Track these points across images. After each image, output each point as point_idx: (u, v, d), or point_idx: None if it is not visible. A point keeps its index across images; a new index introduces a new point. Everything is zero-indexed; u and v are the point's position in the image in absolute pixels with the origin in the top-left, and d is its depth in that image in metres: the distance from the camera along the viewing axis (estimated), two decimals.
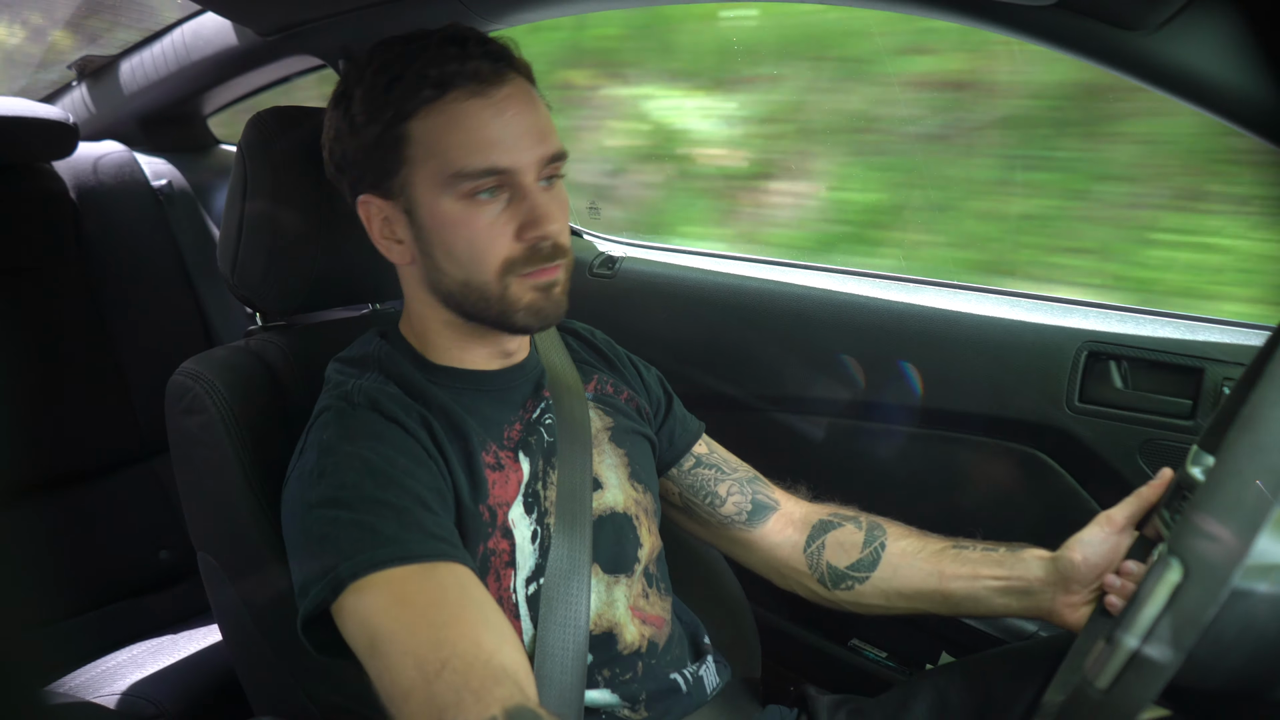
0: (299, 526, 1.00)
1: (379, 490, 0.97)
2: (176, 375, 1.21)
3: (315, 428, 1.07)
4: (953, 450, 1.64)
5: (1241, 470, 0.63)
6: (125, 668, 1.66)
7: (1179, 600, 0.63)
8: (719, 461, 1.38)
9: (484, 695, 0.83)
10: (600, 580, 1.15)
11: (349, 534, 0.94)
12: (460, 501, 1.05)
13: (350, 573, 0.92)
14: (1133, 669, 0.65)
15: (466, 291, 1.08)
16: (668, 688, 1.17)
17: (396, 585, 0.91)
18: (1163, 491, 1.09)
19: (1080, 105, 1.90)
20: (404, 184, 1.06)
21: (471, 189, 1.03)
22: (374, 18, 1.68)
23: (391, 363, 1.13)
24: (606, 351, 1.37)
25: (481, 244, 1.05)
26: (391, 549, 0.93)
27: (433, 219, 1.05)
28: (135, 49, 2.26)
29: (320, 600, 0.93)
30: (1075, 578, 1.12)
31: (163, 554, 1.98)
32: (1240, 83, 1.02)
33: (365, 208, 1.10)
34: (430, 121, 1.03)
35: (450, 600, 0.92)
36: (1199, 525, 0.63)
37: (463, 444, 1.09)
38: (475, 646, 0.87)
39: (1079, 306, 1.56)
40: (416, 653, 0.87)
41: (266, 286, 1.27)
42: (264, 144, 1.25)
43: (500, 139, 1.03)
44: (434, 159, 1.03)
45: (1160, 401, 1.44)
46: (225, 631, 1.29)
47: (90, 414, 1.95)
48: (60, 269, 1.96)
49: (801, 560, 1.31)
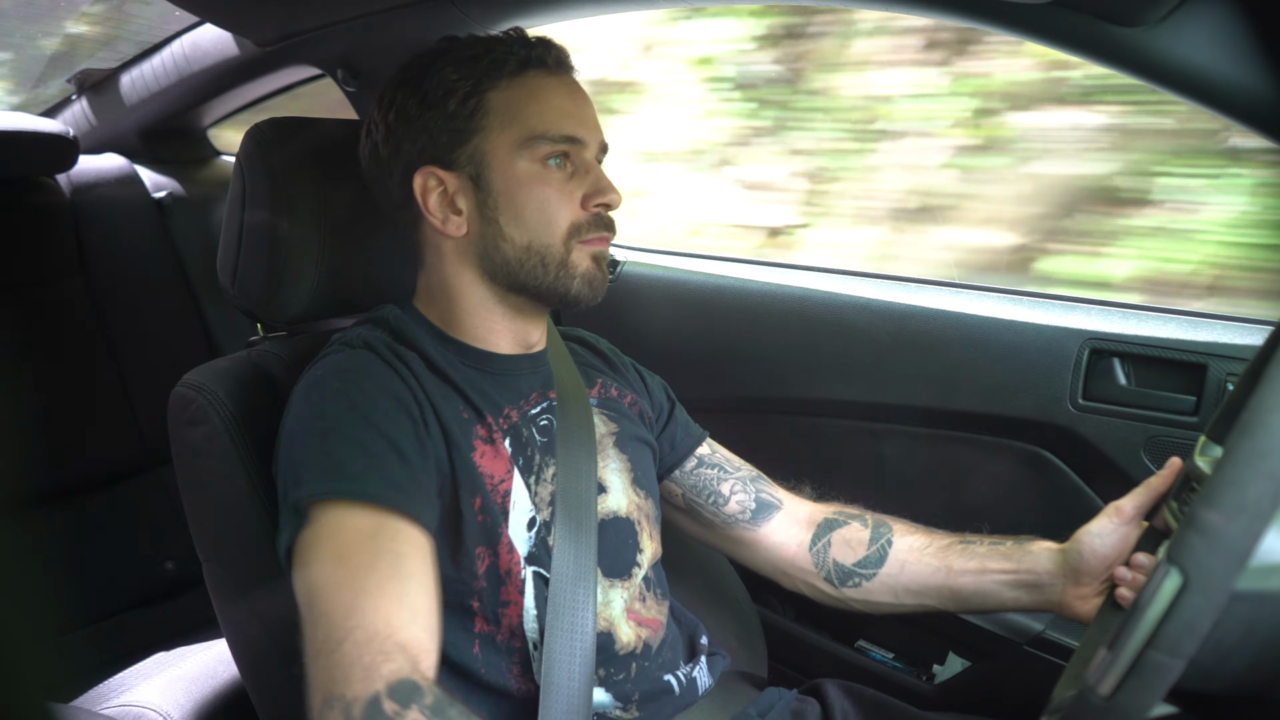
0: (283, 455, 1.04)
1: (354, 428, 1.00)
2: (179, 387, 1.21)
3: (310, 369, 1.11)
4: (957, 450, 1.64)
5: (1240, 478, 0.62)
6: (132, 679, 1.66)
7: (1178, 608, 0.63)
8: (721, 461, 1.38)
9: (373, 670, 0.86)
10: (599, 583, 1.15)
11: (317, 463, 0.98)
12: (453, 449, 1.07)
13: (308, 495, 0.96)
14: (1134, 676, 0.65)
15: (527, 256, 1.12)
16: (661, 689, 1.17)
17: (344, 533, 0.95)
18: (1172, 481, 1.09)
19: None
20: (475, 150, 1.11)
21: (547, 153, 1.11)
22: (372, 27, 1.68)
23: (403, 326, 1.16)
24: (611, 357, 1.38)
25: (553, 205, 1.11)
26: (350, 484, 0.96)
27: (506, 181, 1.11)
28: (135, 61, 2.27)
29: (293, 534, 0.97)
30: (1084, 570, 1.12)
31: (168, 565, 1.98)
32: (1238, 78, 1.02)
33: (424, 179, 1.13)
34: (511, 93, 1.11)
35: (381, 568, 0.94)
36: (1198, 533, 0.63)
37: (457, 406, 1.11)
38: (382, 621, 0.90)
39: (1081, 304, 1.56)
40: (331, 616, 0.90)
41: (267, 297, 1.27)
42: (262, 155, 1.25)
43: (574, 113, 1.14)
44: (513, 125, 1.11)
45: (1164, 398, 1.43)
46: (232, 642, 1.28)
47: (94, 426, 1.96)
48: (62, 282, 1.97)
49: (807, 559, 1.31)
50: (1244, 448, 0.63)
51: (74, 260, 1.99)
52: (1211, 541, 0.62)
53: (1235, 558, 0.62)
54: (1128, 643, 0.65)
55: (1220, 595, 0.62)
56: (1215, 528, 0.62)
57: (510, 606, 1.08)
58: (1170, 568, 0.63)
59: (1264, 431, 0.63)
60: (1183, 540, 0.63)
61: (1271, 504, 0.61)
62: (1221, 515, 0.62)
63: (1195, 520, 0.63)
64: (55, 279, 1.96)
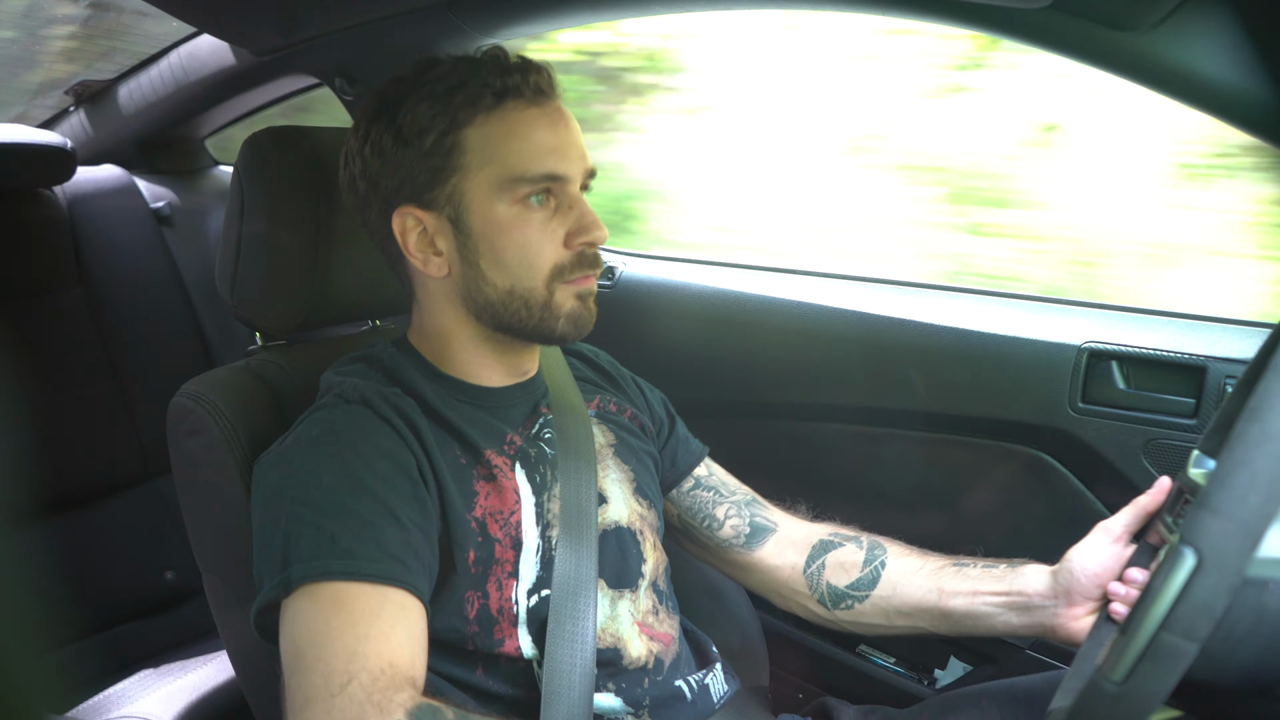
0: (269, 515, 1.01)
1: (350, 497, 0.98)
2: (178, 397, 1.21)
3: (306, 423, 1.08)
4: (956, 454, 1.63)
5: (1251, 459, 0.63)
6: (131, 690, 1.66)
7: (1192, 589, 0.63)
8: (717, 484, 1.38)
9: (386, 705, 0.85)
10: (604, 595, 1.15)
11: (309, 536, 0.96)
12: (447, 508, 1.06)
13: (300, 576, 0.94)
14: (1149, 659, 0.65)
15: (509, 300, 1.09)
16: (673, 695, 1.17)
17: (338, 596, 0.93)
18: (1162, 500, 1.09)
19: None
20: (452, 192, 1.07)
21: (526, 193, 1.06)
22: (369, 35, 1.68)
23: (398, 367, 1.14)
24: (610, 371, 1.37)
25: (533, 248, 1.07)
26: (344, 562, 0.94)
27: (485, 224, 1.07)
28: (132, 72, 2.27)
29: (272, 596, 0.96)
30: (1076, 590, 1.12)
31: (168, 575, 1.98)
32: (1236, 81, 1.03)
33: (402, 220, 1.09)
34: (488, 129, 1.06)
35: (385, 616, 0.93)
36: (1211, 513, 0.63)
37: (455, 452, 1.10)
38: (385, 659, 0.89)
39: (1079, 308, 1.56)
40: (328, 662, 0.89)
41: (265, 306, 1.27)
42: (260, 164, 1.25)
43: (555, 147, 1.07)
44: (490, 165, 1.06)
45: (1163, 401, 1.43)
46: (232, 652, 1.28)
47: (93, 436, 1.95)
48: (60, 293, 1.97)
49: (801, 581, 1.31)
50: (1253, 430, 0.63)
51: (72, 271, 1.99)
52: (1225, 521, 0.63)
53: (1248, 537, 0.62)
54: (1141, 626, 0.65)
55: (1234, 575, 0.63)
56: (1228, 507, 0.63)
57: (506, 641, 1.07)
58: (1184, 549, 0.64)
59: (1273, 414, 0.63)
60: (1196, 521, 0.64)
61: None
62: (1233, 495, 0.62)
63: (1208, 501, 0.64)
64: (53, 290, 1.96)
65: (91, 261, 2.02)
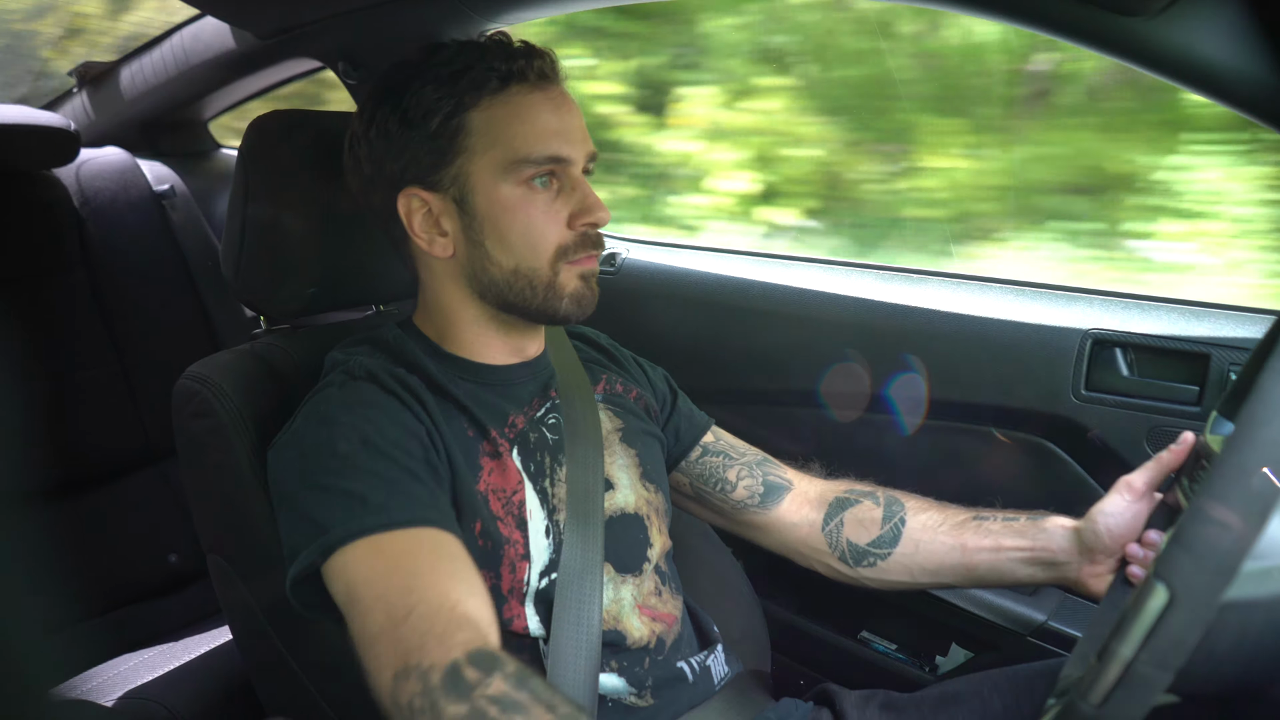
0: (291, 491, 1.02)
1: (371, 461, 0.99)
2: (183, 379, 1.21)
3: (314, 400, 1.09)
4: (960, 441, 1.64)
5: (1228, 492, 0.62)
6: (136, 671, 1.66)
7: (1165, 623, 0.63)
8: (726, 448, 1.38)
9: (446, 639, 0.85)
10: (609, 579, 1.16)
11: (341, 502, 0.97)
12: (457, 477, 1.07)
13: (340, 538, 0.95)
14: (1123, 687, 0.65)
15: (514, 280, 1.11)
16: (674, 676, 1.18)
17: (379, 546, 0.94)
18: (1184, 457, 1.09)
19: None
20: (458, 173, 1.09)
21: (530, 175, 1.08)
22: (373, 19, 1.68)
23: (403, 347, 1.15)
24: (613, 352, 1.38)
25: (538, 229, 1.09)
26: (378, 516, 0.95)
27: (490, 205, 1.09)
28: (135, 54, 2.26)
29: (309, 563, 0.97)
30: (1099, 547, 1.12)
31: (172, 557, 1.98)
32: (1242, 67, 1.02)
33: (407, 201, 1.11)
34: (493, 112, 1.08)
35: (424, 554, 0.94)
36: (1184, 550, 0.63)
37: (463, 424, 1.11)
38: (442, 596, 0.89)
39: (1083, 295, 1.56)
40: (387, 598, 0.90)
41: (270, 290, 1.27)
42: (265, 147, 1.25)
43: (559, 130, 1.10)
44: (496, 147, 1.08)
45: (1166, 388, 1.43)
46: (237, 633, 1.29)
47: (97, 419, 1.96)
48: (64, 275, 1.97)
49: (820, 539, 1.31)
50: (1231, 462, 0.63)
51: (75, 254, 1.99)
52: (1198, 559, 0.62)
53: (1222, 574, 0.62)
54: (1116, 655, 0.65)
55: (1207, 611, 0.62)
56: (1202, 545, 0.62)
57: (515, 620, 1.09)
58: (1157, 583, 0.63)
59: (1249, 447, 0.63)
60: (1169, 557, 0.63)
61: (1258, 518, 0.61)
62: (1208, 531, 0.62)
63: (1182, 537, 0.63)
64: (57, 273, 1.96)
65: (95, 244, 2.01)
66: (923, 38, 2.10)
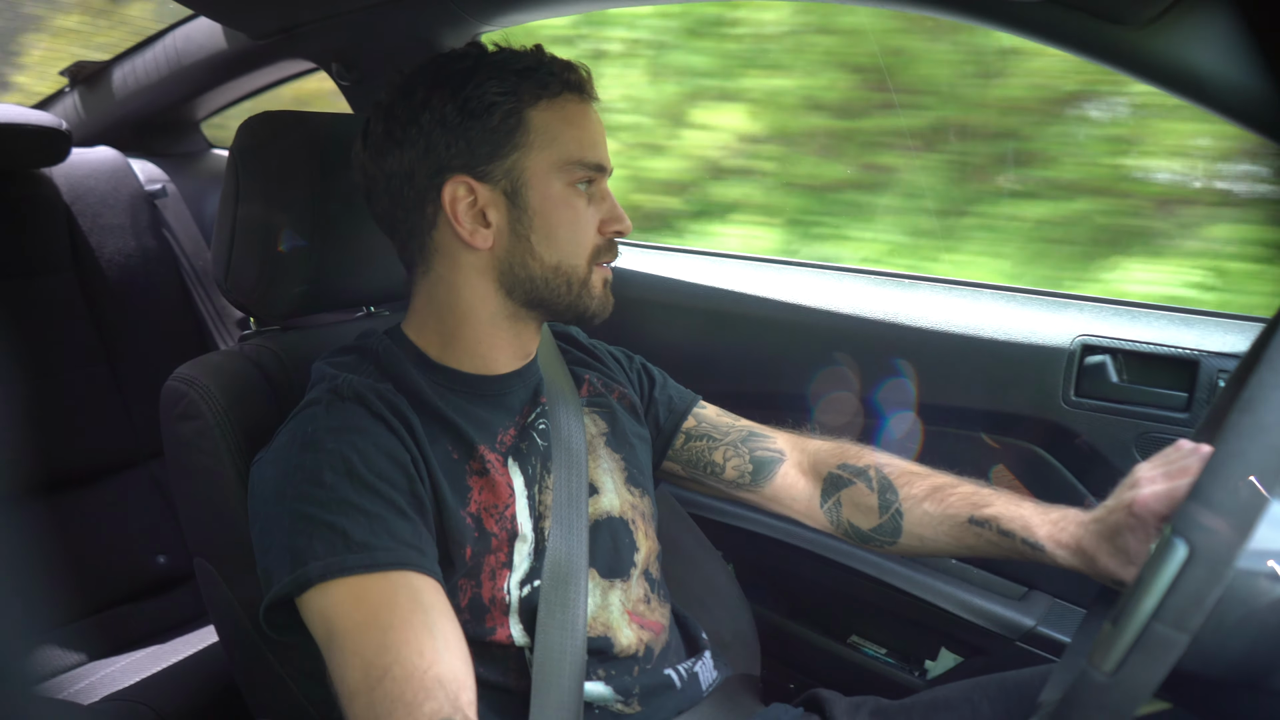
0: (272, 514, 1.01)
1: (355, 494, 0.99)
2: (171, 381, 1.21)
3: (300, 419, 1.07)
4: (949, 447, 1.64)
5: (1244, 451, 0.64)
6: (122, 673, 1.66)
7: (1184, 580, 0.64)
8: (709, 430, 1.38)
9: (414, 709, 0.86)
10: (596, 585, 1.16)
11: (321, 535, 0.96)
12: (442, 506, 1.06)
13: (319, 574, 0.95)
14: (1139, 650, 0.65)
15: (553, 276, 1.14)
16: (662, 683, 1.17)
17: (358, 590, 0.95)
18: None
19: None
20: (513, 166, 1.11)
21: (579, 178, 1.13)
22: (366, 20, 1.68)
23: (391, 359, 1.14)
24: (589, 346, 1.39)
25: (582, 229, 1.14)
26: (360, 556, 0.95)
27: (543, 200, 1.12)
28: (128, 54, 2.26)
29: (284, 593, 0.97)
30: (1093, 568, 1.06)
31: (160, 559, 1.97)
32: (1233, 76, 1.03)
33: (454, 189, 1.11)
34: (550, 114, 1.12)
35: (401, 605, 0.94)
36: (1202, 504, 0.64)
37: (448, 448, 1.10)
38: (418, 655, 0.90)
39: (1073, 301, 1.56)
40: (364, 655, 0.90)
41: (260, 291, 1.27)
42: (256, 148, 1.25)
43: (599, 141, 1.16)
44: (553, 146, 1.12)
45: (1155, 395, 1.44)
46: (222, 635, 1.28)
47: (86, 419, 1.95)
48: (54, 275, 1.96)
49: (822, 517, 1.32)
50: (1246, 423, 0.64)
51: (66, 253, 1.98)
52: (1216, 513, 0.63)
53: (1240, 529, 0.63)
54: (1133, 616, 0.66)
55: (1225, 567, 0.63)
56: (1220, 499, 0.63)
57: (498, 630, 1.08)
58: (1176, 539, 0.64)
59: (1266, 407, 0.64)
60: (1188, 512, 0.64)
61: (1274, 475, 0.63)
62: (1226, 487, 0.63)
63: (1200, 492, 0.64)
64: (47, 272, 1.95)
65: (85, 243, 2.01)
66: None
